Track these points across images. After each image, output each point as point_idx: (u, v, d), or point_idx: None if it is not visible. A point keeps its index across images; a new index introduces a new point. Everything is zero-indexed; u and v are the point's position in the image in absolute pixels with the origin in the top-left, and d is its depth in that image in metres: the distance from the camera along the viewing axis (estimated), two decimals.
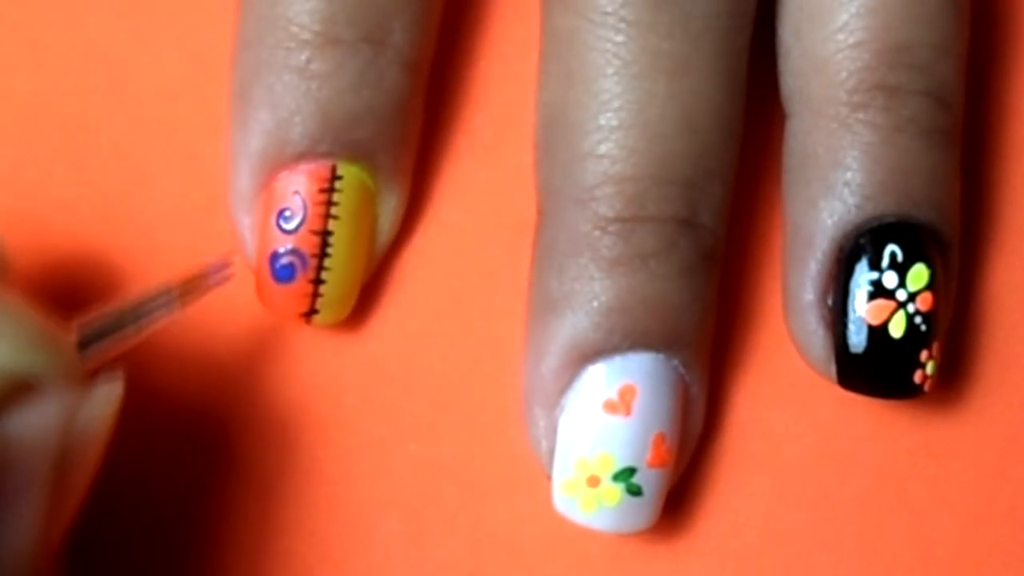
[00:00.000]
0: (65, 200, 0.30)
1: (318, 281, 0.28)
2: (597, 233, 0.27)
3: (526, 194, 0.29)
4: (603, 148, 0.27)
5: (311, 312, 0.28)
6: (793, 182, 0.28)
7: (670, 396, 0.27)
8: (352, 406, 0.30)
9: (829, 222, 0.27)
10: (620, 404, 0.27)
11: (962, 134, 0.29)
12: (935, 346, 0.27)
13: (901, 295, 0.27)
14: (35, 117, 0.31)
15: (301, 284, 0.28)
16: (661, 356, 0.27)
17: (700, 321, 0.28)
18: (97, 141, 0.30)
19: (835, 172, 0.27)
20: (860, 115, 0.27)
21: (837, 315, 0.27)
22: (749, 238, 0.30)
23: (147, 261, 0.30)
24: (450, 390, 0.30)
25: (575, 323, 0.27)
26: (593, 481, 0.27)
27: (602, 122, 0.27)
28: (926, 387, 0.27)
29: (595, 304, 0.27)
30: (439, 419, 0.30)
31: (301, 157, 0.28)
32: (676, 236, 0.27)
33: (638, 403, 0.27)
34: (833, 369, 0.28)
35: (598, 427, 0.27)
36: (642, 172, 0.27)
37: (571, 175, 0.27)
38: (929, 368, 0.27)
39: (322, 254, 0.28)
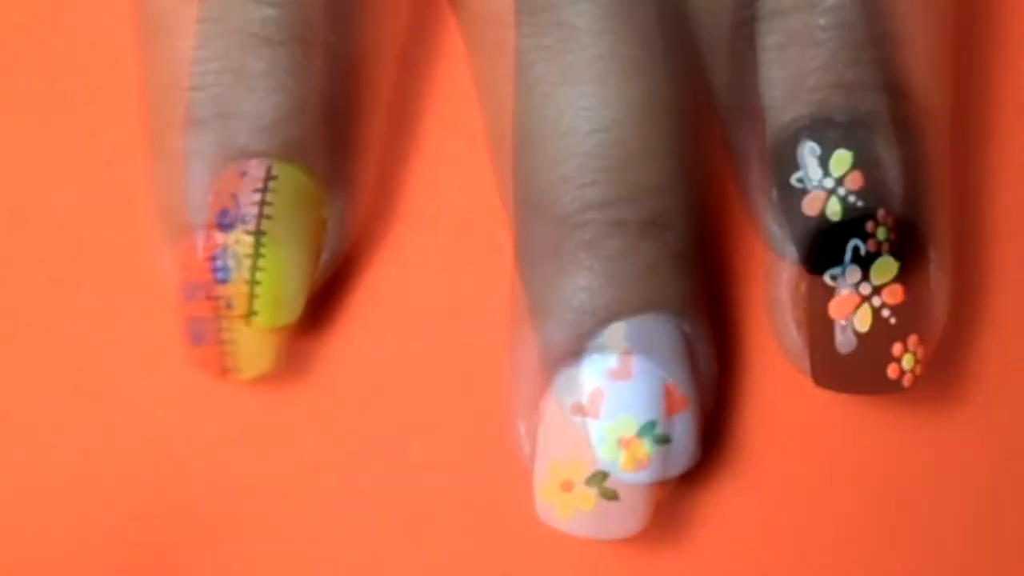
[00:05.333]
0: (65, 200, 0.31)
1: (253, 282, 0.28)
2: (558, 240, 0.27)
3: None
4: (560, 155, 0.27)
5: (250, 314, 0.28)
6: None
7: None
8: (352, 406, 0.30)
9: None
10: (589, 407, 0.27)
11: (946, 122, 0.28)
12: (911, 339, 0.27)
13: (865, 289, 0.27)
14: (35, 117, 0.31)
15: (237, 285, 0.28)
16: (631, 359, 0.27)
17: None
18: (97, 141, 0.31)
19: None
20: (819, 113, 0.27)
21: (806, 314, 0.27)
22: (748, 238, 0.30)
23: (147, 261, 0.30)
24: (451, 389, 0.30)
25: (543, 331, 0.27)
26: (567, 486, 0.27)
27: (560, 128, 0.27)
28: (905, 382, 0.27)
29: (558, 310, 0.27)
30: (441, 418, 0.30)
31: (239, 157, 0.28)
32: (637, 239, 0.27)
33: (606, 406, 0.27)
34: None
35: (569, 431, 0.27)
36: (600, 177, 0.27)
37: (531, 184, 0.27)
38: (906, 362, 0.27)
39: (256, 255, 0.28)
